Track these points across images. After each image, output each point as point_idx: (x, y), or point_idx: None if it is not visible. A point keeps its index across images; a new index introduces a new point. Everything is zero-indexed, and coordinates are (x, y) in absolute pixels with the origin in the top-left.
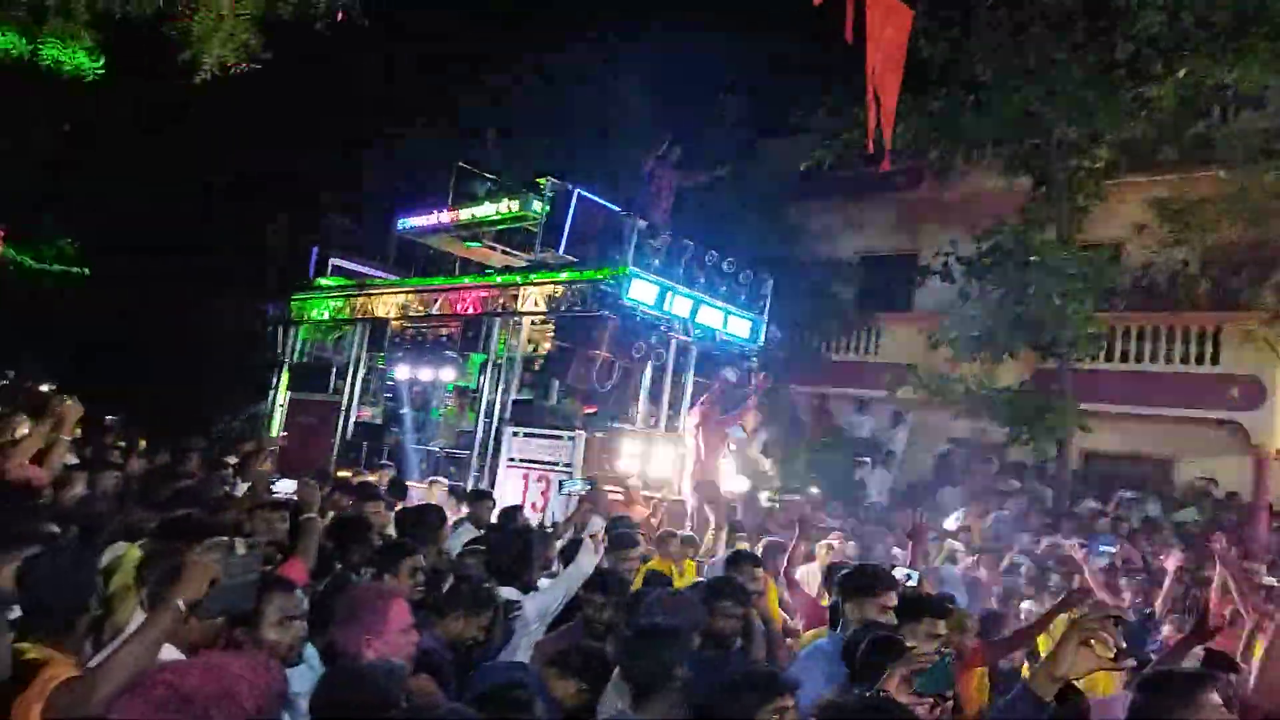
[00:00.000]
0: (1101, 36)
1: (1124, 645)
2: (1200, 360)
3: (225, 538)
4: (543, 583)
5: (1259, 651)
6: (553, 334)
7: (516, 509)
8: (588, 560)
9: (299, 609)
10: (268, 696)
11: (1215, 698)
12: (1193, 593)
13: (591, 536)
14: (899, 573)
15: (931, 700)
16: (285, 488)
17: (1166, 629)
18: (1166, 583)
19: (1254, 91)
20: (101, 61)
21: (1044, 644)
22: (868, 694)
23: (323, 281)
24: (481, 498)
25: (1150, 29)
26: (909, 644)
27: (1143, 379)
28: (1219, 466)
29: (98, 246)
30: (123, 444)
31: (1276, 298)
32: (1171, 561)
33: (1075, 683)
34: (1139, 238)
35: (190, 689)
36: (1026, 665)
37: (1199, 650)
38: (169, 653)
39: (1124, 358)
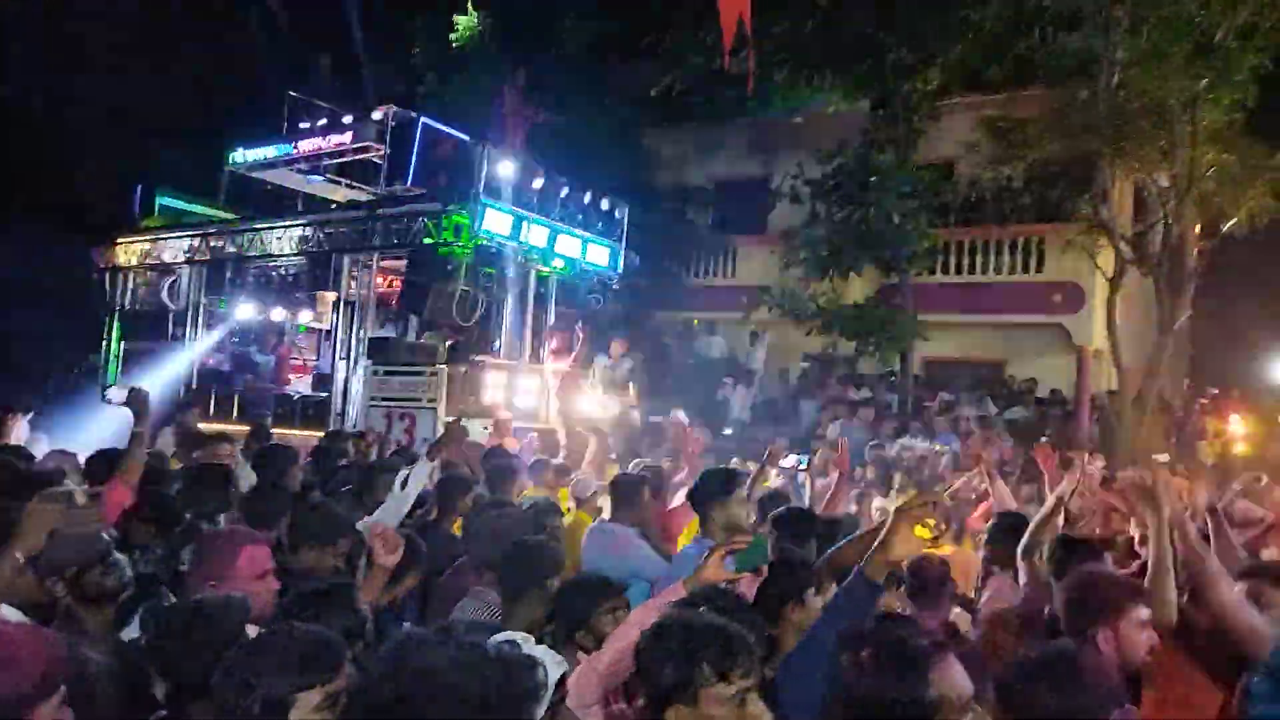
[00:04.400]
0: None
1: (944, 527)
2: (1026, 269)
3: (65, 488)
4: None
5: None
6: (406, 268)
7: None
8: (412, 487)
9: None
10: (50, 663)
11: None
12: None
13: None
14: (790, 459)
15: (751, 575)
16: (116, 396)
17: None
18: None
19: (1070, 11)
20: None
21: None
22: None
23: (150, 222)
24: (342, 438)
25: None
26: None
27: (975, 289)
28: (1045, 366)
29: None
30: None
31: (1093, 208)
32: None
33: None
34: (969, 156)
35: None
36: None
37: None
38: (6, 612)
39: (958, 270)
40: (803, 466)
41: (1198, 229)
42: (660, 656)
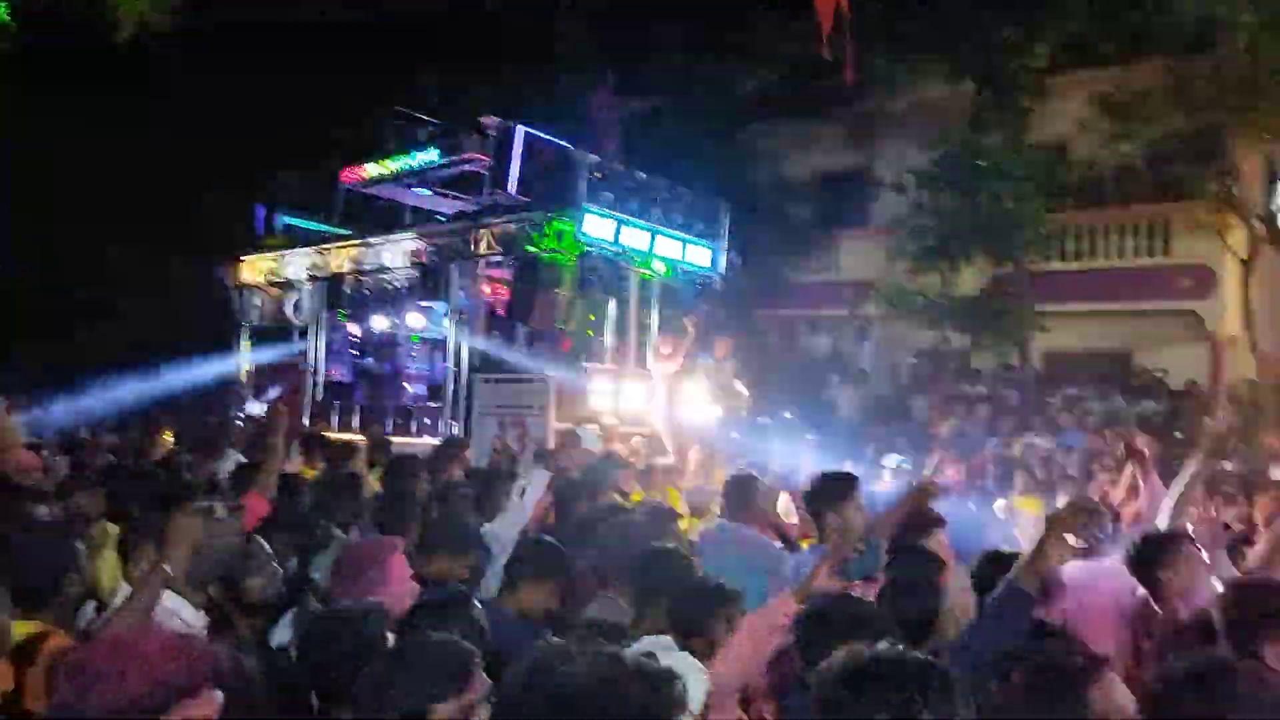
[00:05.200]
0: None
1: (1099, 535)
2: (1151, 252)
3: (206, 502)
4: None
5: None
6: (512, 277)
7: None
8: (530, 496)
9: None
10: (188, 668)
11: (1195, 550)
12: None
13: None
14: (891, 459)
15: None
16: (255, 410)
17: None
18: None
19: None
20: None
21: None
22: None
23: (273, 240)
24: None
25: None
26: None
27: (1096, 275)
28: (1176, 356)
29: (27, 221)
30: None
31: (1221, 185)
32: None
33: None
34: (1083, 135)
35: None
36: None
37: None
38: (174, 602)
39: (1077, 255)
40: (906, 465)
41: None
42: (875, 699)
